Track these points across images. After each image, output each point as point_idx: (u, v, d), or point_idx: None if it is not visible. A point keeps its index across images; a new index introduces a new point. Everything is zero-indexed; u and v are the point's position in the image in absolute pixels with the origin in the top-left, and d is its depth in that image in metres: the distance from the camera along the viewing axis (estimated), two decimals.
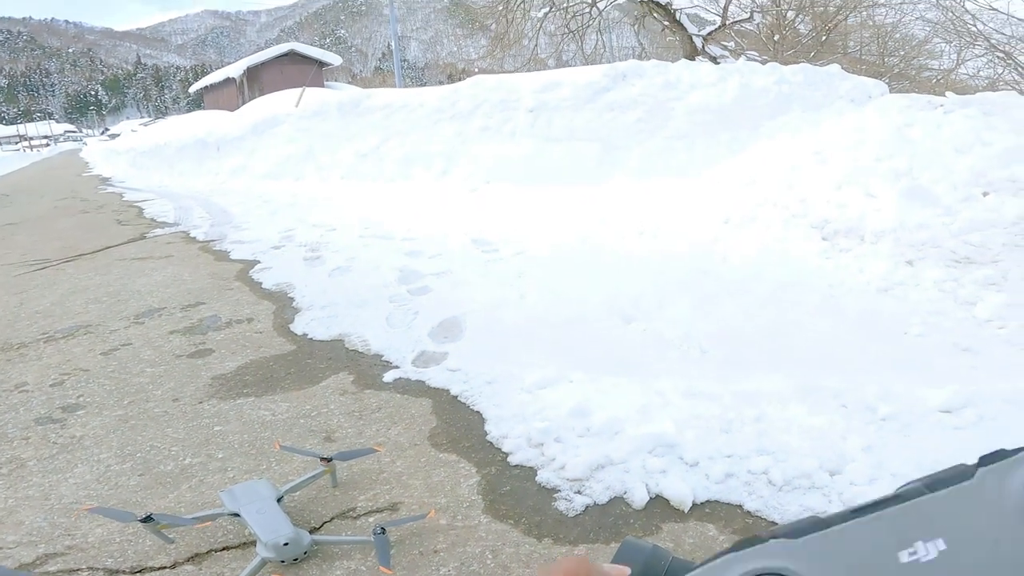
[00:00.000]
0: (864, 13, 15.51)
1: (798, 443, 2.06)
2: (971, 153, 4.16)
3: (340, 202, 7.38)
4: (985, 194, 3.91)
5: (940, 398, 2.27)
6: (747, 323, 3.12)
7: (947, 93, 5.39)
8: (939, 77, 15.64)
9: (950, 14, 13.36)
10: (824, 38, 15.56)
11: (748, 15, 14.35)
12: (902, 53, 16.33)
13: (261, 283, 4.34)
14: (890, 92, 7.27)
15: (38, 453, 2.35)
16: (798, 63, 9.28)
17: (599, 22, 14.90)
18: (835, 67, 7.22)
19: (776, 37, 15.78)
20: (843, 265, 3.80)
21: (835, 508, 1.77)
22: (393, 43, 21.21)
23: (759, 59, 12.27)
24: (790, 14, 15.95)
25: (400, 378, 2.75)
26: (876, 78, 9.72)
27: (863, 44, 16.70)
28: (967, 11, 12.77)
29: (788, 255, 4.01)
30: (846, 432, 2.11)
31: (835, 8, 15.36)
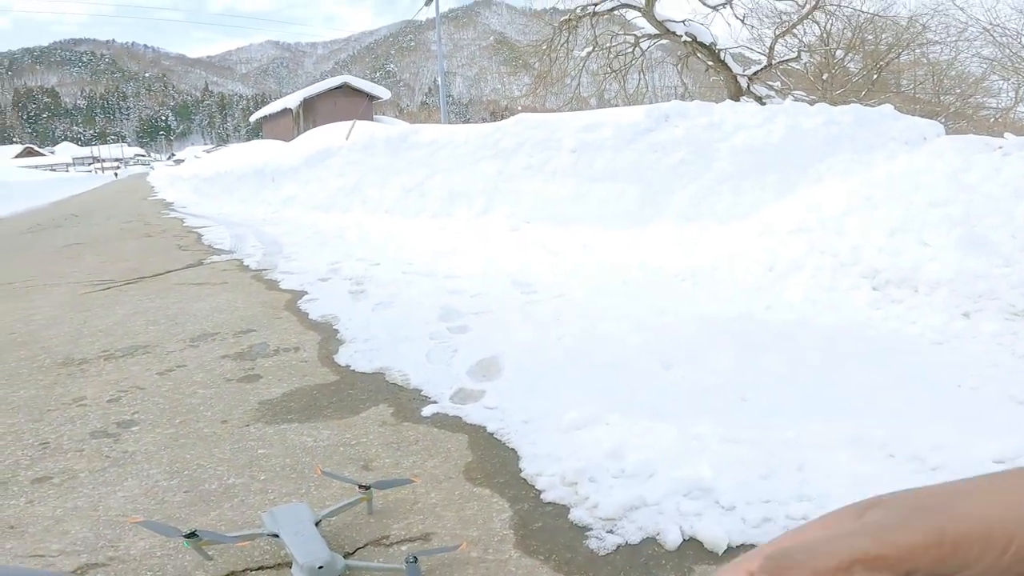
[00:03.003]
0: (918, 51, 15.24)
1: (841, 491, 2.01)
2: None
3: (384, 237, 7.57)
4: None
5: (994, 448, 2.19)
6: (791, 372, 3.06)
7: (1006, 134, 5.24)
8: (997, 116, 15.17)
9: (1007, 51, 13.02)
10: (876, 76, 15.32)
11: (795, 54, 14.30)
12: (958, 91, 15.92)
13: (308, 314, 4.48)
14: (946, 132, 7.10)
15: (90, 465, 2.46)
16: (848, 102, 9.18)
17: (642, 62, 15.08)
18: (888, 107, 7.11)
19: (825, 76, 15.63)
20: (894, 316, 3.68)
21: None
22: (440, 79, 21.92)
23: (807, 99, 12.18)
24: (839, 53, 15.80)
25: (438, 413, 2.79)
26: (931, 117, 9.51)
27: (917, 82, 16.37)
28: None
29: (836, 304, 3.91)
30: (893, 481, 2.05)
31: (887, 46, 15.15)
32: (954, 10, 13.48)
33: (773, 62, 13.54)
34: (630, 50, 14.67)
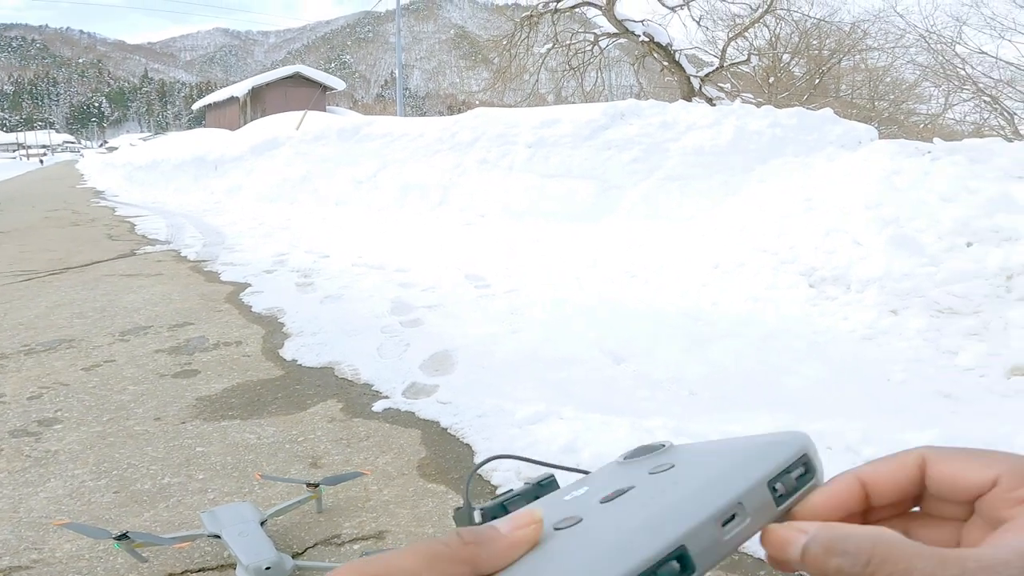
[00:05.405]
0: (857, 56, 15.95)
1: None
2: (957, 201, 4.25)
3: (334, 229, 7.41)
4: (969, 244, 3.99)
5: (922, 440, 2.30)
6: (735, 367, 3.14)
7: (935, 139, 5.53)
8: (927, 122, 16.02)
9: (941, 57, 13.70)
10: (817, 81, 15.98)
11: (745, 57, 14.74)
12: (892, 97, 16.73)
13: (251, 307, 4.33)
14: (879, 137, 7.47)
15: (10, 466, 2.30)
16: (792, 105, 9.53)
17: (600, 60, 15.24)
18: (828, 111, 7.41)
19: (771, 79, 16.21)
20: (829, 312, 3.84)
21: None
22: (397, 71, 21.57)
23: (754, 101, 12.58)
24: (785, 57, 16.41)
25: (390, 408, 2.74)
26: (866, 122, 9.99)
27: (855, 87, 17.15)
28: (957, 55, 13.11)
29: (776, 302, 4.05)
30: (829, 471, 2.13)
31: (829, 52, 15.82)
32: (894, 16, 14.14)
33: (724, 64, 13.91)
34: (589, 48, 14.80)
